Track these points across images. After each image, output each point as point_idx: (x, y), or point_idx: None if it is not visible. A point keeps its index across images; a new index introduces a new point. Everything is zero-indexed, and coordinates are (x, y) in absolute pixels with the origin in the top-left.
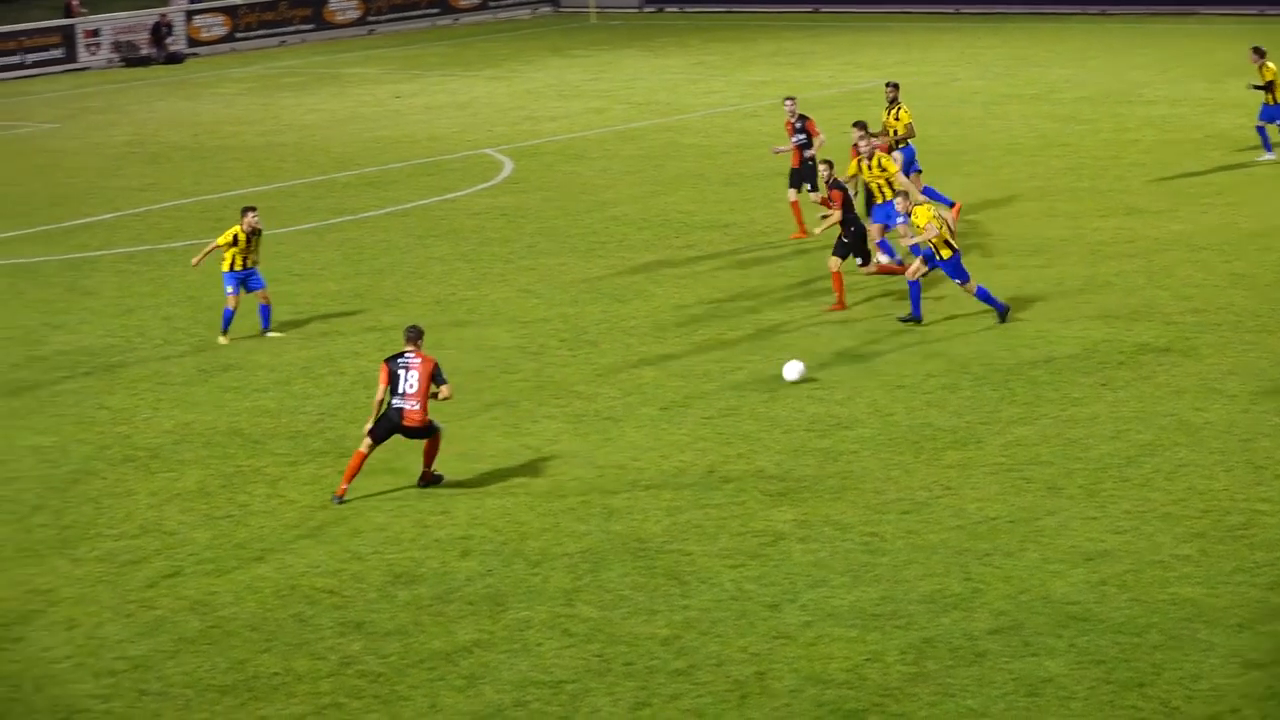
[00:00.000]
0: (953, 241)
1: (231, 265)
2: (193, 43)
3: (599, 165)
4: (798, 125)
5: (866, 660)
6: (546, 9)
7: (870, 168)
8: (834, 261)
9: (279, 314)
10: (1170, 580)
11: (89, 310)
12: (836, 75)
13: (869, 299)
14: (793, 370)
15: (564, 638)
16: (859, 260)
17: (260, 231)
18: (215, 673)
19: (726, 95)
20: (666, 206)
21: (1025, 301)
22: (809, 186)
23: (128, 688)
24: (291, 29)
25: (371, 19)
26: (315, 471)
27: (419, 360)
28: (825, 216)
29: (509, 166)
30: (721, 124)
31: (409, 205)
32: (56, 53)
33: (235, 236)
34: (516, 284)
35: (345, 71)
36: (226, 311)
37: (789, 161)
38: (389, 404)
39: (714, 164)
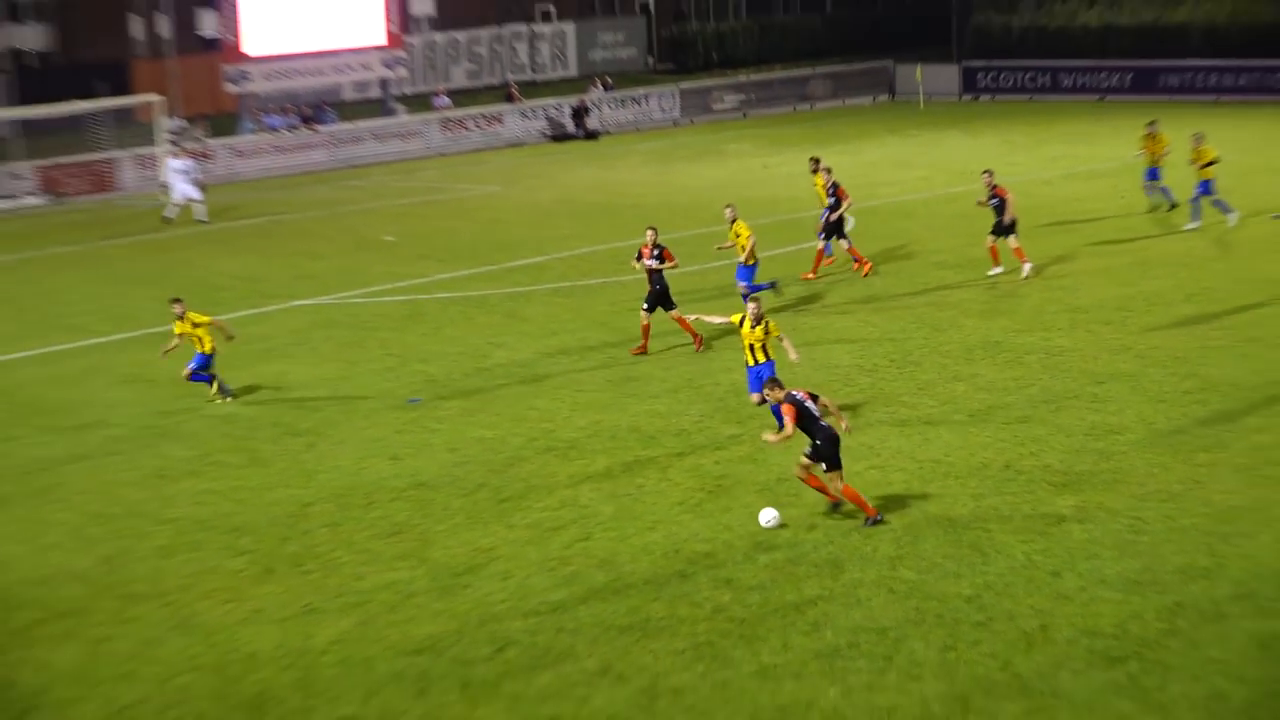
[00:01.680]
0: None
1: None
2: (605, 122)
3: (924, 222)
4: (830, 190)
5: (1129, 618)
6: (884, 98)
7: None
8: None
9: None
10: None
11: (522, 332)
12: (1115, 151)
13: (1148, 330)
14: (767, 516)
15: (888, 594)
16: (662, 307)
17: (179, 317)
18: (616, 615)
19: (1028, 166)
20: (977, 256)
21: None
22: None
23: (549, 626)
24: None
25: (748, 109)
26: (695, 461)
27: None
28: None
29: (850, 223)
30: (1022, 189)
31: (773, 252)
32: (500, 129)
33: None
34: (856, 315)
35: (725, 147)
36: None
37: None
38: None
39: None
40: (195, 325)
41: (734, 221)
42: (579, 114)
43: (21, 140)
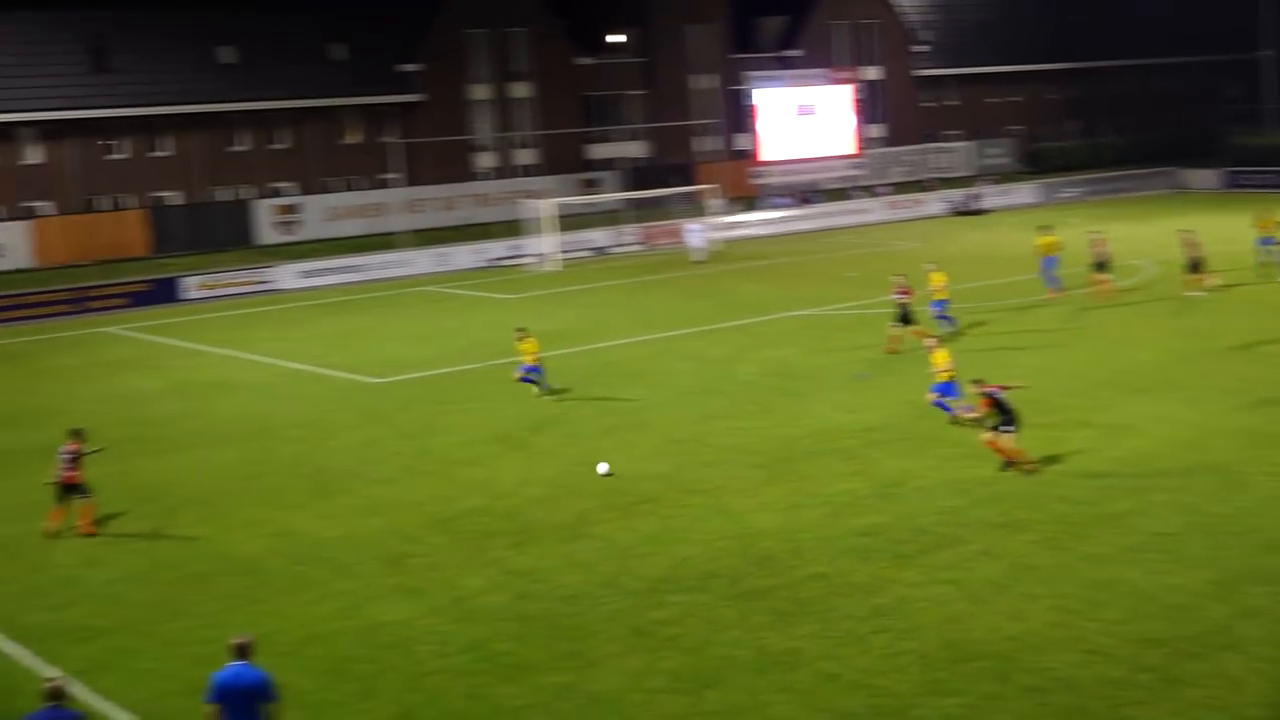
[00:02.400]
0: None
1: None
2: (989, 204)
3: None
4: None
5: None
6: (1170, 190)
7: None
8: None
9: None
10: None
11: (850, 342)
12: None
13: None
14: (602, 468)
15: (1174, 511)
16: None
17: (519, 340)
18: (993, 516)
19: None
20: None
21: None
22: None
23: (949, 521)
24: (1025, 199)
25: (1082, 197)
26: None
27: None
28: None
29: (1148, 269)
30: (1241, 246)
31: (1081, 291)
32: (922, 208)
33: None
34: (1115, 322)
35: (1066, 220)
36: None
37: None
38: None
39: (1231, 259)
40: (528, 345)
41: (932, 272)
42: (973, 198)
43: (631, 211)
